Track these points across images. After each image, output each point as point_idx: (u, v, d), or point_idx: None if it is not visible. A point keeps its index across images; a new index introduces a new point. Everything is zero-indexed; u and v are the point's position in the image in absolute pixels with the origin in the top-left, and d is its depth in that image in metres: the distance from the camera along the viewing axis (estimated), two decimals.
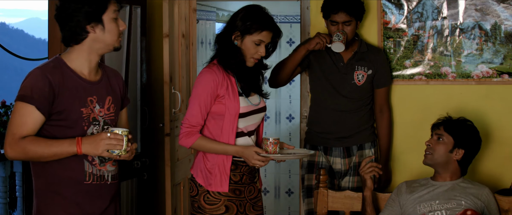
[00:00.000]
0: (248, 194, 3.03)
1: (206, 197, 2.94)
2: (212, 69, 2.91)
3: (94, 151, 2.44)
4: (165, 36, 3.71)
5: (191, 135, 2.90)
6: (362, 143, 3.69)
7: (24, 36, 35.07)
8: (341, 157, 3.68)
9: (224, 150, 2.89)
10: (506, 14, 3.77)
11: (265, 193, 6.12)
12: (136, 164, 4.08)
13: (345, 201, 3.31)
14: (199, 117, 2.90)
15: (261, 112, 3.03)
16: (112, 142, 2.43)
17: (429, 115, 3.75)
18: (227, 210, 2.94)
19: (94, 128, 2.52)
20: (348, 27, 3.54)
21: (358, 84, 3.63)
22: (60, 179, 2.49)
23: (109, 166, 2.59)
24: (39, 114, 2.41)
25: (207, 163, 2.95)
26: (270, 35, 2.89)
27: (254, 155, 2.83)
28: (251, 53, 2.90)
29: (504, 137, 3.83)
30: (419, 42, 3.85)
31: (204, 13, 5.16)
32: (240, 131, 2.95)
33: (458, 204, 3.01)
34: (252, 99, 2.98)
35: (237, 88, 2.93)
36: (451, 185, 3.10)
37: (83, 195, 2.52)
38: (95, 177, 2.54)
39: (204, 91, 2.88)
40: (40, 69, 2.45)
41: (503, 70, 3.80)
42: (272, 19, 2.91)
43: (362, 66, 3.64)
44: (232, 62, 2.91)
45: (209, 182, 2.93)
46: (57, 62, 2.50)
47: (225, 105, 2.89)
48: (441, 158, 3.09)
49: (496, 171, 3.83)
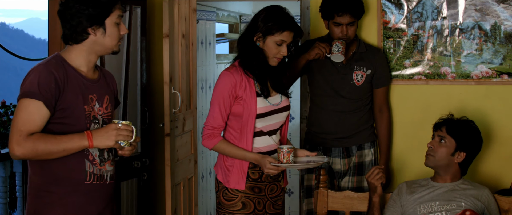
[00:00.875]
0: (269, 192, 3.08)
1: (225, 193, 3.03)
2: (231, 72, 2.98)
3: (107, 142, 2.44)
4: (165, 36, 3.71)
5: (213, 137, 2.99)
6: (362, 143, 3.69)
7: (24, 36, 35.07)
8: (340, 157, 3.68)
9: (243, 156, 2.98)
10: (506, 14, 3.77)
11: None
12: (136, 164, 4.08)
13: (345, 201, 3.31)
14: (220, 119, 2.98)
15: (283, 111, 3.06)
16: (123, 132, 2.46)
17: (428, 115, 3.75)
18: (244, 206, 3.01)
19: (94, 126, 2.52)
20: (351, 28, 3.55)
21: (357, 84, 3.63)
22: (61, 178, 2.48)
23: (108, 165, 2.59)
24: (46, 109, 2.40)
25: (226, 160, 3.04)
26: (291, 35, 2.94)
27: (267, 163, 2.89)
28: (274, 53, 2.95)
29: (504, 137, 3.83)
30: (418, 42, 3.85)
31: (204, 13, 5.15)
32: (259, 130, 3.00)
33: (458, 206, 3.01)
34: (272, 100, 3.03)
35: (255, 89, 2.97)
36: (451, 186, 3.10)
37: (83, 195, 2.51)
38: (96, 177, 2.54)
39: (222, 94, 2.96)
40: (44, 66, 2.44)
41: (502, 71, 3.80)
42: (292, 19, 2.97)
43: (361, 67, 3.64)
44: (254, 63, 2.97)
45: (227, 179, 3.02)
46: (59, 59, 2.49)
47: (243, 106, 2.96)
48: (443, 161, 3.08)
49: (496, 171, 3.83)
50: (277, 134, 3.08)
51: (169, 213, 3.70)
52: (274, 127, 3.06)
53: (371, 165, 3.71)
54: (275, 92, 3.06)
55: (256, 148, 3.01)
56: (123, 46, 3.94)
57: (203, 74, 5.12)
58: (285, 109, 3.08)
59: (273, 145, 3.05)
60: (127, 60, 3.99)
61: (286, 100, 3.10)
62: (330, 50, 3.49)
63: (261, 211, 3.05)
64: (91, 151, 2.52)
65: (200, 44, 5.07)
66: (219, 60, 5.59)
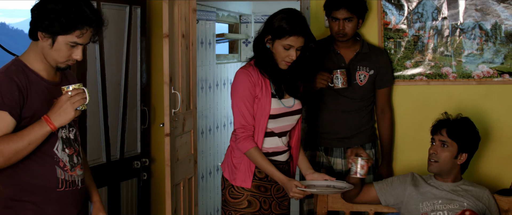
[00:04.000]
0: (276, 193, 3.07)
1: (231, 191, 3.03)
2: (248, 70, 2.96)
3: (68, 116, 2.32)
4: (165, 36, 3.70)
5: (248, 140, 2.95)
6: (363, 143, 3.69)
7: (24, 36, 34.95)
8: (342, 157, 3.68)
9: (271, 173, 2.95)
10: (506, 14, 3.77)
11: None
12: (136, 164, 4.07)
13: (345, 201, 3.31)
14: (249, 116, 2.95)
15: (295, 114, 3.05)
16: (77, 98, 2.33)
17: (429, 115, 3.74)
18: (250, 205, 3.01)
19: (62, 131, 2.43)
20: (349, 24, 3.53)
21: (360, 84, 3.63)
22: (32, 187, 2.39)
23: (78, 170, 2.50)
24: (11, 119, 2.31)
25: (234, 158, 3.03)
26: (299, 40, 2.90)
27: (293, 187, 2.88)
28: (282, 57, 2.93)
29: (504, 137, 3.83)
30: (419, 42, 3.85)
31: (204, 13, 5.15)
32: (270, 131, 3.00)
33: (460, 206, 3.00)
34: (285, 102, 3.02)
35: (270, 89, 2.97)
36: (453, 186, 3.10)
37: (56, 202, 2.43)
38: (68, 183, 2.45)
39: (244, 92, 2.93)
40: (4, 74, 2.34)
41: (503, 70, 3.80)
42: (302, 24, 2.91)
43: (364, 67, 3.64)
44: (267, 65, 2.96)
45: (234, 176, 3.02)
46: (18, 64, 2.40)
47: (257, 105, 2.95)
48: (447, 165, 3.06)
49: (496, 171, 3.83)
50: (287, 136, 3.08)
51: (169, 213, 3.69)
52: (285, 129, 3.05)
53: (372, 165, 3.70)
54: (288, 95, 3.04)
55: (264, 148, 3.00)
56: (123, 46, 3.94)
57: (203, 74, 5.12)
58: (297, 112, 3.07)
59: (281, 146, 3.05)
60: (127, 60, 3.98)
61: (299, 103, 3.07)
62: (332, 79, 3.48)
63: (267, 210, 3.05)
64: (61, 157, 2.43)
65: (200, 44, 5.07)
66: (219, 60, 5.58)
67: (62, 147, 2.44)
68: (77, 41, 2.34)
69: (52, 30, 2.32)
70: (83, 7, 2.33)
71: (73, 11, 2.30)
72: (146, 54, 4.16)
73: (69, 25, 2.31)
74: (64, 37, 2.33)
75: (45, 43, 2.35)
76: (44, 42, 2.35)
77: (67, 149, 2.46)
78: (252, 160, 2.98)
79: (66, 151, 2.45)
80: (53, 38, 2.34)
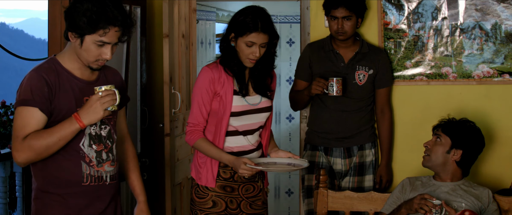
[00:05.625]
0: (245, 192, 3.04)
1: (196, 190, 3.02)
2: (210, 68, 2.95)
3: (96, 115, 2.40)
4: (165, 36, 3.71)
5: (192, 134, 2.97)
6: (363, 144, 3.69)
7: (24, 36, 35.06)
8: (341, 157, 3.68)
9: (219, 156, 2.94)
10: (506, 14, 3.77)
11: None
12: None
13: (345, 201, 3.31)
14: (199, 115, 2.95)
15: (262, 112, 3.03)
16: (107, 98, 2.40)
17: (430, 115, 3.75)
18: (214, 205, 2.99)
19: (91, 128, 2.51)
20: (348, 22, 3.52)
21: (359, 84, 3.63)
22: (58, 180, 2.48)
23: (107, 166, 2.57)
24: (42, 114, 2.40)
25: (199, 157, 3.03)
26: (261, 37, 2.88)
27: (242, 164, 2.85)
28: (245, 54, 2.91)
29: (504, 137, 3.83)
30: (419, 42, 3.85)
31: (204, 13, 5.15)
32: (234, 129, 2.97)
33: (459, 206, 3.00)
34: (250, 99, 2.99)
35: (233, 87, 2.95)
36: (452, 186, 3.10)
37: (81, 196, 2.51)
38: (93, 178, 2.53)
39: (200, 90, 2.94)
40: (36, 71, 2.44)
41: (504, 70, 3.80)
42: (264, 21, 2.89)
43: (363, 66, 3.64)
44: (232, 64, 2.94)
45: (199, 176, 3.01)
46: (52, 62, 2.48)
47: (219, 103, 2.94)
48: (439, 159, 3.08)
49: (496, 171, 3.83)
50: (255, 135, 3.04)
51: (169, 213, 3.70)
52: (251, 127, 3.02)
53: (371, 166, 3.71)
54: (255, 93, 3.02)
55: (228, 147, 2.98)
56: (123, 46, 3.94)
57: None
58: (265, 110, 3.04)
59: (247, 145, 3.01)
60: (127, 60, 3.99)
61: (267, 101, 3.05)
62: (327, 86, 3.47)
63: (235, 210, 3.02)
64: (87, 153, 2.50)
65: (200, 44, 5.07)
66: None
67: (89, 143, 2.51)
68: (103, 40, 2.40)
69: (78, 29, 2.39)
70: (108, 7, 2.39)
71: (95, 10, 2.36)
72: (146, 54, 4.16)
73: (92, 24, 2.37)
74: (91, 36, 2.40)
75: (75, 43, 2.43)
76: (74, 42, 2.43)
77: (95, 145, 2.52)
78: (201, 151, 2.98)
79: (94, 147, 2.52)
80: (81, 38, 2.41)
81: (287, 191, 6.13)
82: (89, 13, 2.36)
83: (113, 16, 2.39)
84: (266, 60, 2.98)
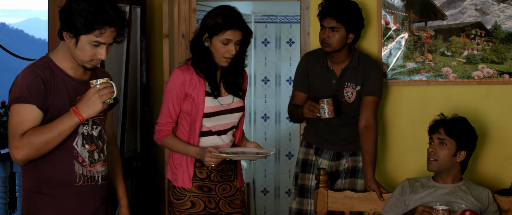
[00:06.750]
0: (222, 192, 3.06)
1: (173, 192, 3.03)
2: (181, 69, 2.98)
3: (95, 108, 2.41)
4: (165, 36, 3.71)
5: (160, 133, 3.02)
6: (355, 151, 3.65)
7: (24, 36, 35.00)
8: (329, 159, 3.64)
9: (186, 150, 2.97)
10: (506, 14, 3.77)
11: (265, 193, 6.12)
12: (136, 164, 4.07)
13: (345, 201, 3.31)
14: (167, 116, 3.00)
15: (234, 112, 3.05)
16: (105, 91, 2.42)
17: (429, 116, 3.73)
18: (193, 206, 3.01)
19: (83, 128, 2.51)
20: (334, 34, 3.42)
21: (349, 101, 3.56)
22: (51, 180, 2.47)
23: (99, 166, 2.57)
24: (39, 111, 2.39)
25: (175, 159, 3.05)
26: (237, 34, 2.91)
27: (207, 153, 2.86)
28: (221, 53, 2.93)
29: (504, 137, 3.83)
30: (419, 42, 3.85)
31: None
32: (207, 130, 3.00)
33: (459, 208, 3.01)
34: (222, 100, 3.02)
35: (205, 88, 2.97)
36: (453, 187, 3.09)
37: (74, 196, 2.50)
38: (86, 178, 2.52)
39: (170, 91, 2.98)
40: (30, 68, 2.43)
41: (503, 70, 3.80)
42: (237, 18, 2.92)
43: (350, 83, 3.54)
44: (205, 65, 2.97)
45: (175, 177, 3.03)
46: (45, 61, 2.48)
47: (192, 104, 2.97)
48: (447, 163, 3.07)
49: (496, 171, 3.83)
50: (228, 135, 3.07)
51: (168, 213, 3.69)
52: (224, 127, 3.05)
53: None
54: (227, 93, 3.05)
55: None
56: (123, 46, 3.94)
57: None
58: (237, 110, 3.06)
59: (222, 145, 3.03)
60: (127, 60, 3.99)
61: (239, 101, 3.07)
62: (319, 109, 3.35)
63: (214, 209, 3.04)
64: (80, 152, 2.50)
65: None
66: None
67: (82, 143, 2.51)
68: (98, 40, 2.40)
69: (74, 29, 2.39)
70: (105, 7, 2.39)
71: (91, 10, 2.36)
72: (146, 54, 4.17)
73: (88, 24, 2.37)
74: (86, 36, 2.40)
75: (70, 43, 2.43)
76: (69, 42, 2.43)
77: (87, 145, 2.52)
78: (169, 148, 3.02)
79: (86, 147, 2.52)
80: (76, 38, 2.40)
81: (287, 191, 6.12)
82: (85, 13, 2.36)
83: (109, 16, 2.39)
84: (237, 60, 3.01)
